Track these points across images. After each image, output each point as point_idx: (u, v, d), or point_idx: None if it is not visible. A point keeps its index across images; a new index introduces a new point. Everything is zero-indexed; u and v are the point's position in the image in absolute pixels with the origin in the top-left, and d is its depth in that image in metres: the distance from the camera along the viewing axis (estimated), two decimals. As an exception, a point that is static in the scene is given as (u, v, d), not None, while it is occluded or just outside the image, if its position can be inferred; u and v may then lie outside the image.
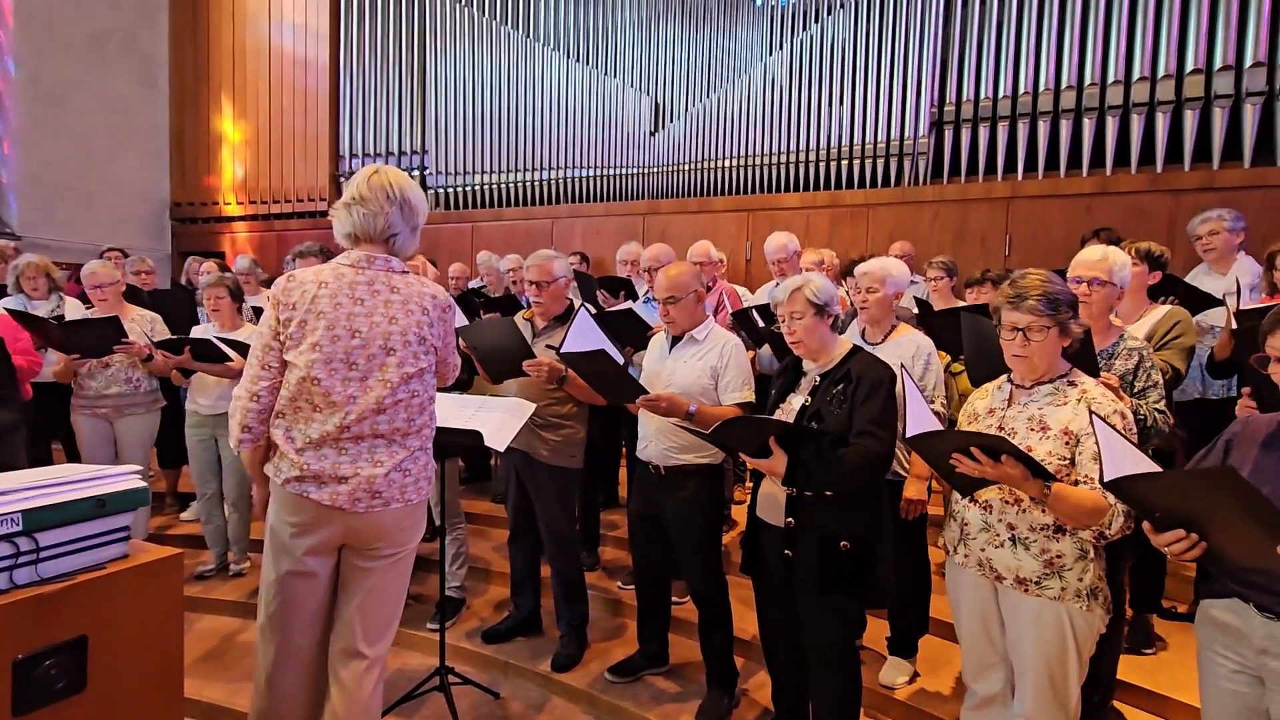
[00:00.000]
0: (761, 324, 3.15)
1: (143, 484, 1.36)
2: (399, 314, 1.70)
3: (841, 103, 5.15)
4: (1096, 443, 1.36)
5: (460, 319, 2.89)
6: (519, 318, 2.87)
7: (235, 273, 5.05)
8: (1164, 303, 2.65)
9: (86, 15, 6.90)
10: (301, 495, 1.65)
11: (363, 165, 7.00)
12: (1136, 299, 2.55)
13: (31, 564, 1.22)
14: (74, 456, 3.91)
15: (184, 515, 4.22)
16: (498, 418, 2.46)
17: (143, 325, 3.50)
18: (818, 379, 2.01)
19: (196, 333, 3.47)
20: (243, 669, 2.82)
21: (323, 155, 7.07)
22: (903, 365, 1.88)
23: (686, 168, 5.70)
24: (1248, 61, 4.10)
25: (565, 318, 2.72)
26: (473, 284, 5.22)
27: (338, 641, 1.78)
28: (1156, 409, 1.96)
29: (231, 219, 7.55)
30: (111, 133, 7.18)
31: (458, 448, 3.29)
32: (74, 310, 3.87)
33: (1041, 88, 4.63)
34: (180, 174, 7.72)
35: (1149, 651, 2.57)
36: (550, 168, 6.20)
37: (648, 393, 2.28)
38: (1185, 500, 1.23)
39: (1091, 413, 1.43)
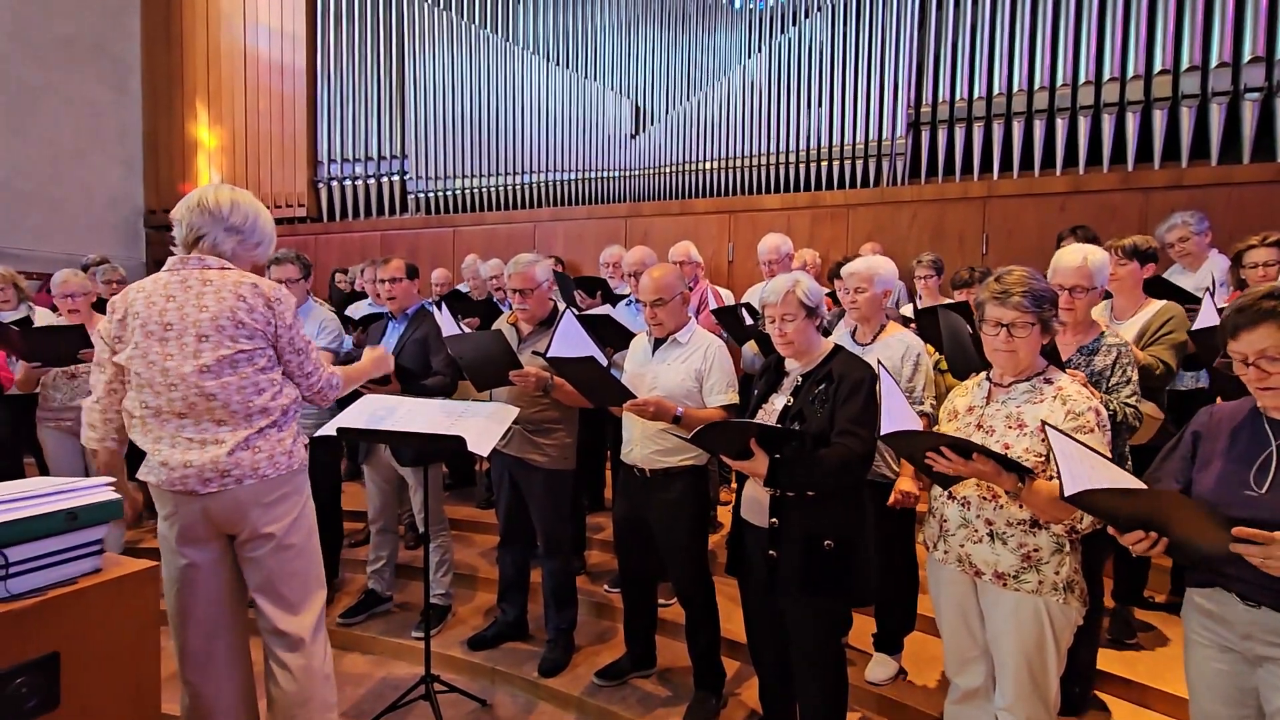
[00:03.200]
0: (750, 321, 3.16)
1: (116, 496, 1.33)
2: (210, 302, 1.75)
3: (820, 105, 5.19)
4: (1053, 454, 1.38)
5: (449, 325, 2.88)
6: (504, 322, 2.86)
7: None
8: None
9: (55, 18, 6.76)
10: (159, 486, 1.75)
11: (341, 170, 7.03)
12: (1133, 295, 2.53)
13: (1, 580, 1.19)
14: (47, 471, 3.82)
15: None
16: (481, 423, 2.44)
17: None
18: (800, 379, 2.02)
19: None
20: (223, 683, 2.77)
21: (300, 160, 6.99)
22: (880, 362, 1.89)
23: (668, 170, 5.71)
24: (1214, 62, 4.20)
25: (551, 321, 2.71)
26: (459, 287, 5.19)
27: (261, 624, 1.88)
28: (1127, 404, 2.00)
29: (207, 225, 7.43)
30: (82, 138, 7.04)
31: (441, 454, 3.27)
32: (44, 320, 3.78)
33: (1015, 88, 4.70)
34: (154, 180, 7.58)
35: (1130, 643, 2.62)
36: (531, 171, 6.18)
37: (635, 396, 2.28)
38: (1139, 510, 1.29)
39: (1045, 424, 1.44)
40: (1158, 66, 4.33)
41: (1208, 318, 2.22)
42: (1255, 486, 1.34)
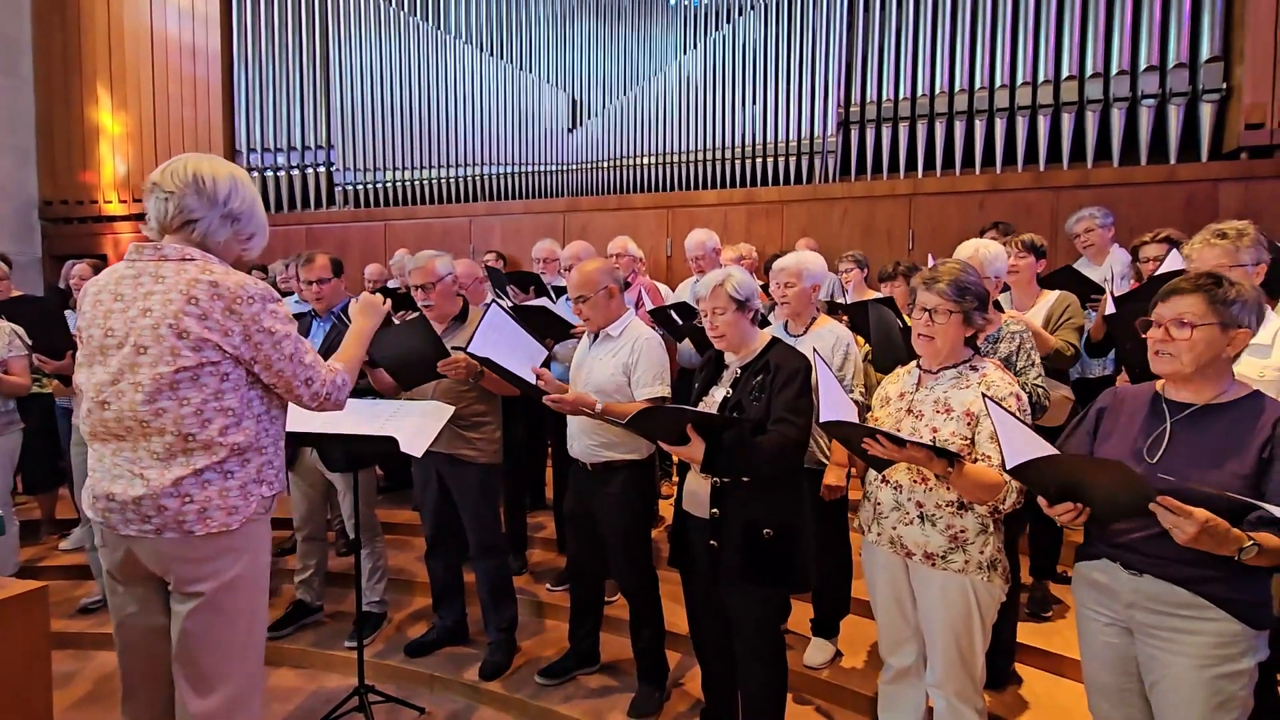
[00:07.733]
0: (680, 322, 3.18)
1: (-5, 512, 1.20)
2: (155, 305, 1.45)
3: (754, 102, 5.27)
4: (994, 427, 1.45)
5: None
6: None
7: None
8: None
9: (-71, -8, 6.15)
10: (94, 514, 1.53)
11: (262, 160, 6.67)
12: (1029, 288, 2.75)
13: None
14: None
15: (63, 544, 3.83)
16: (414, 422, 2.36)
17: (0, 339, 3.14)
18: (739, 371, 2.04)
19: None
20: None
21: (216, 149, 6.57)
22: (816, 350, 1.93)
23: (605, 165, 5.67)
24: (1114, 69, 4.49)
25: (463, 318, 2.70)
26: (389, 284, 5.00)
27: (176, 697, 1.57)
28: (1037, 385, 2.15)
29: (113, 219, 6.91)
30: (-35, 124, 6.44)
31: (372, 457, 3.15)
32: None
33: (938, 91, 4.90)
34: (51, 170, 6.99)
35: (1046, 615, 2.77)
36: (466, 164, 6.02)
37: (549, 392, 2.28)
38: (1077, 479, 1.38)
39: (986, 398, 1.51)
40: (1065, 72, 4.60)
41: (1111, 308, 2.50)
42: (1148, 458, 1.45)
